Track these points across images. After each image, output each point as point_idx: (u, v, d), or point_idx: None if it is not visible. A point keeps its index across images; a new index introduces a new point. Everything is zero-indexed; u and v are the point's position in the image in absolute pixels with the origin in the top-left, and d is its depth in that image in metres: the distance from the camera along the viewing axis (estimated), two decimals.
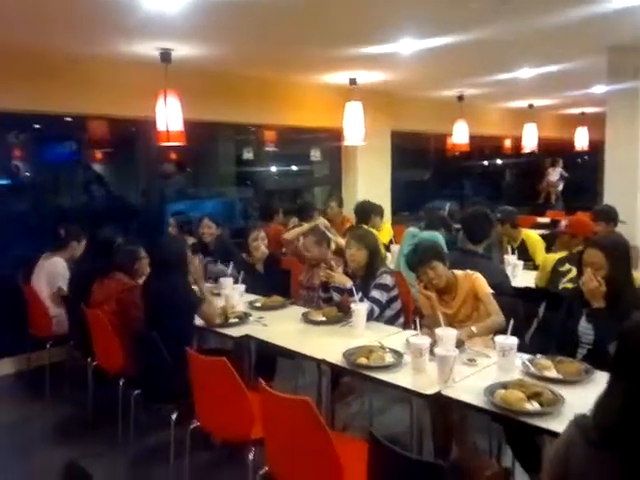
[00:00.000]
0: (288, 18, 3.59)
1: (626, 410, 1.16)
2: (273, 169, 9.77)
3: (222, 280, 3.59)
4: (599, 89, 6.43)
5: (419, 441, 2.48)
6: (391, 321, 3.20)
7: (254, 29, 3.85)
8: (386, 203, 6.79)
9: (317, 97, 6.11)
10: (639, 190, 4.58)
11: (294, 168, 9.76)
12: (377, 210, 5.21)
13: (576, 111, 9.00)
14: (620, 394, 1.18)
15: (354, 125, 5.60)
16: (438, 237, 4.48)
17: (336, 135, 6.06)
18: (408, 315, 3.37)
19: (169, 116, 4.23)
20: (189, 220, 4.76)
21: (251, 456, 2.25)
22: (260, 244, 3.88)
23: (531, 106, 8.11)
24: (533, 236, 4.53)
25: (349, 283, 3.08)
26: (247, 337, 2.90)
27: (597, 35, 4.25)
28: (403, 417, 2.95)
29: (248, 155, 8.67)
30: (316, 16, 3.54)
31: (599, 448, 1.18)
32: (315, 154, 8.26)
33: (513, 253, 4.26)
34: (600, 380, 2.01)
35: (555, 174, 10.27)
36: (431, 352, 2.27)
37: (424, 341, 2.29)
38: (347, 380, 3.18)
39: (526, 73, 5.61)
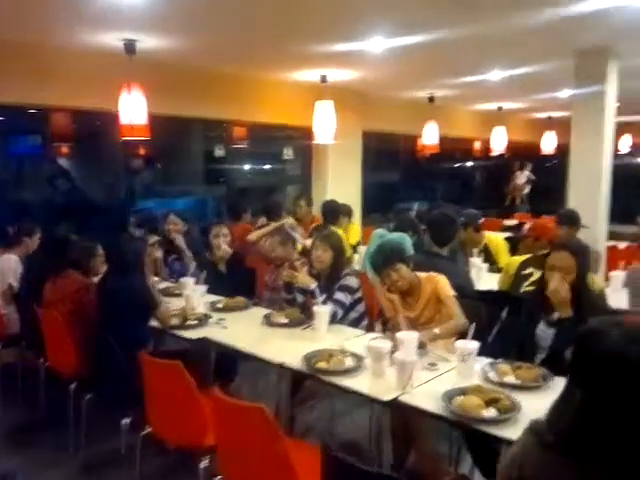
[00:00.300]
0: (257, 12, 3.51)
1: (581, 415, 1.14)
2: (246, 167, 9.66)
3: (183, 280, 3.49)
4: (566, 93, 6.53)
5: (378, 446, 2.44)
6: (355, 323, 3.15)
7: (222, 22, 3.75)
8: (357, 204, 6.76)
9: (288, 94, 6.04)
10: (602, 195, 4.65)
11: (267, 166, 9.68)
12: (345, 210, 5.18)
13: (544, 115, 9.14)
14: (576, 399, 1.17)
15: (324, 124, 5.56)
16: (405, 239, 4.47)
17: (307, 134, 6.00)
18: (372, 317, 3.33)
19: (133, 109, 4.10)
20: (153, 217, 4.63)
21: (204, 464, 2.17)
22: (221, 242, 3.78)
23: (500, 109, 8.20)
24: (496, 239, 4.57)
25: (312, 284, 3.02)
26: (205, 340, 2.81)
27: (564, 38, 4.29)
28: (365, 421, 2.92)
29: (220, 152, 8.54)
30: (287, 11, 3.48)
31: (553, 452, 1.17)
32: (288, 153, 8.18)
33: (479, 256, 4.28)
34: (557, 386, 1.99)
35: (522, 177, 10.41)
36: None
37: (384, 345, 2.26)
38: (309, 384, 3.12)
39: (496, 75, 5.65)
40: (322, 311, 2.81)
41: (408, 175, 10.04)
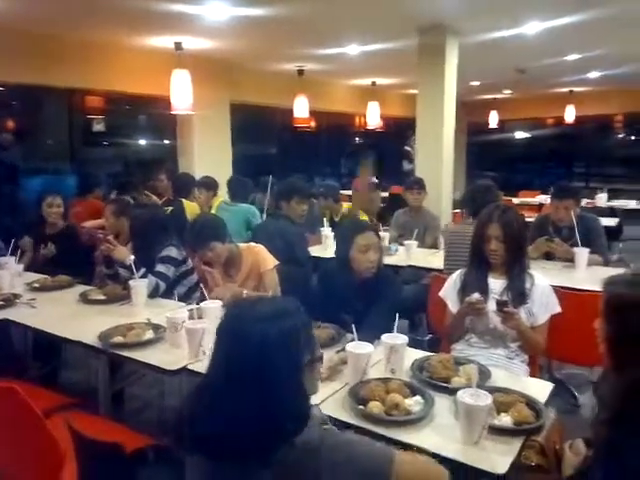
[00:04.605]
0: None
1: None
2: (137, 141, 9.11)
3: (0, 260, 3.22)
4: None
5: None
6: (188, 295, 3.09)
7: None
8: (227, 176, 6.63)
9: (145, 63, 5.72)
10: (444, 168, 4.92)
11: (164, 141, 9.19)
12: (208, 184, 5.02)
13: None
14: None
15: (181, 93, 5.34)
16: (251, 209, 4.52)
17: (168, 104, 5.74)
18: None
19: None
20: None
21: None
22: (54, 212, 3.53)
23: (374, 84, 8.36)
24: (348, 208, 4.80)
25: (129, 258, 2.91)
26: (6, 322, 2.61)
27: (407, 15, 4.41)
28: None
29: (98, 127, 8.01)
30: None
31: None
32: (156, 124, 7.82)
33: (331, 225, 4.43)
34: None
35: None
36: None
37: (179, 316, 2.22)
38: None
39: (354, 50, 5.73)
40: (137, 285, 2.72)
41: (290, 149, 9.99)
